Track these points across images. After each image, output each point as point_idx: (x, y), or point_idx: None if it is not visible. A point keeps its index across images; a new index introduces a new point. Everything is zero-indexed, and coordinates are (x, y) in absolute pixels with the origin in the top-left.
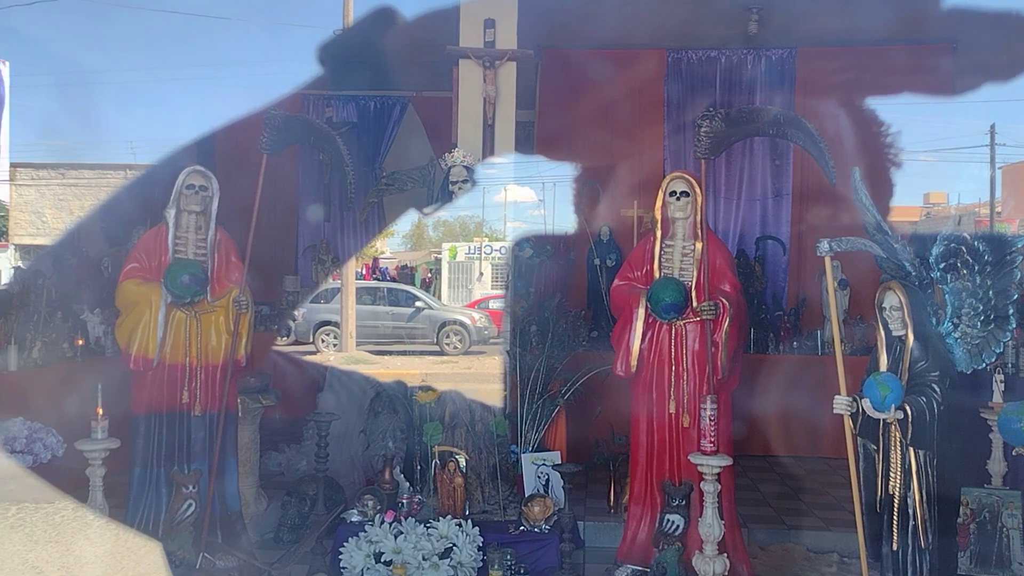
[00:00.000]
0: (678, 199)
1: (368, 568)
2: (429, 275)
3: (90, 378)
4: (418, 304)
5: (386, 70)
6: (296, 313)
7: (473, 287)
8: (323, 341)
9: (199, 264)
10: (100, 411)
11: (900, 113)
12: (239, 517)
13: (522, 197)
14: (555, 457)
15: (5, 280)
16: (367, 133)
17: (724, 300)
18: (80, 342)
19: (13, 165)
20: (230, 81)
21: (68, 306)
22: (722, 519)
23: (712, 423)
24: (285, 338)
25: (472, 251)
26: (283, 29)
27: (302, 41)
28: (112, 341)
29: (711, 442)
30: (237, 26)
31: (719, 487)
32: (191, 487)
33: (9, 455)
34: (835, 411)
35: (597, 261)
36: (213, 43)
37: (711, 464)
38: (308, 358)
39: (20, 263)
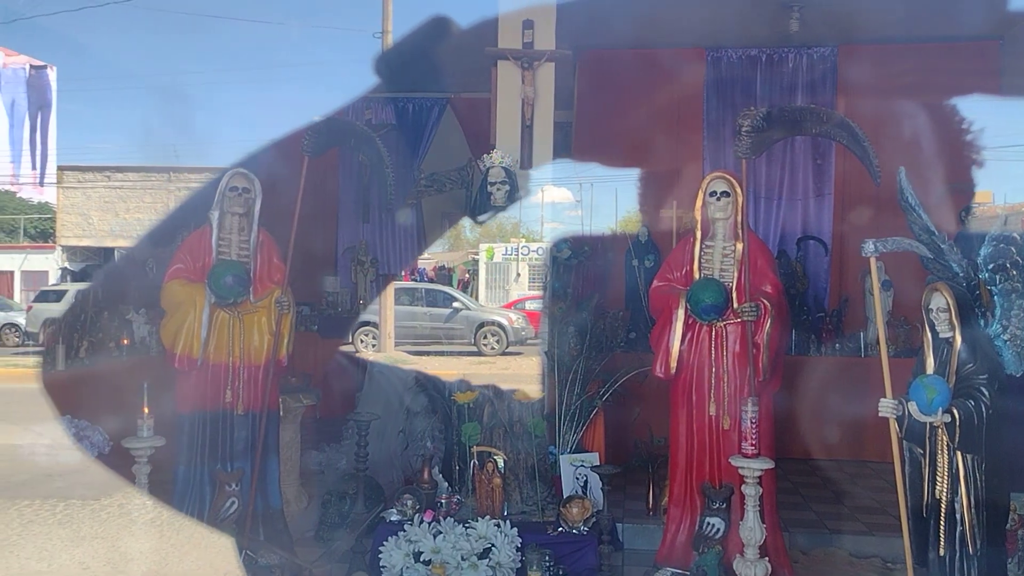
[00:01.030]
0: (718, 199)
1: (407, 567)
2: (466, 276)
3: (135, 377)
4: (455, 305)
5: (425, 72)
6: None
7: (510, 288)
8: (362, 341)
9: (242, 265)
10: (146, 409)
11: (946, 111)
12: (281, 515)
13: (559, 198)
14: (593, 458)
15: (53, 280)
16: (405, 135)
17: (765, 301)
18: (126, 342)
19: (60, 168)
20: (271, 85)
21: (114, 306)
22: (763, 522)
23: (753, 425)
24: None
25: (509, 252)
26: (323, 33)
27: (342, 45)
28: (157, 341)
29: (752, 445)
30: (277, 30)
31: (760, 490)
32: (234, 485)
33: (57, 452)
34: (880, 414)
35: (635, 262)
36: (253, 47)
37: (752, 467)
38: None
39: (67, 264)
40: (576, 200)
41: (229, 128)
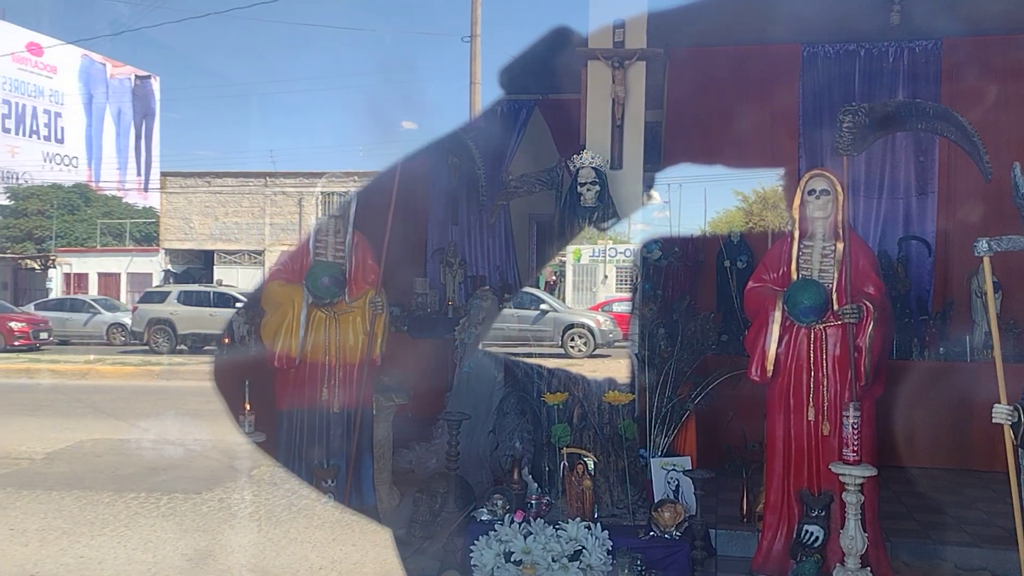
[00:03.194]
0: (817, 197)
1: (498, 567)
2: (554, 278)
3: (236, 375)
4: (543, 307)
5: (515, 74)
6: None
7: (598, 290)
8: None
9: (338, 266)
10: (247, 406)
11: None
12: (374, 511)
13: (647, 199)
14: (685, 463)
15: (157, 282)
16: (494, 137)
17: (868, 303)
18: (227, 341)
19: (163, 174)
20: (364, 91)
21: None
22: (864, 532)
23: (855, 431)
24: None
25: (597, 253)
26: (413, 38)
27: (433, 49)
28: (256, 339)
29: (854, 451)
30: (370, 36)
31: (862, 498)
32: (330, 481)
33: (162, 447)
34: (994, 420)
35: (727, 263)
36: (346, 53)
37: (854, 474)
38: None
39: (170, 266)
40: (664, 201)
41: (323, 133)
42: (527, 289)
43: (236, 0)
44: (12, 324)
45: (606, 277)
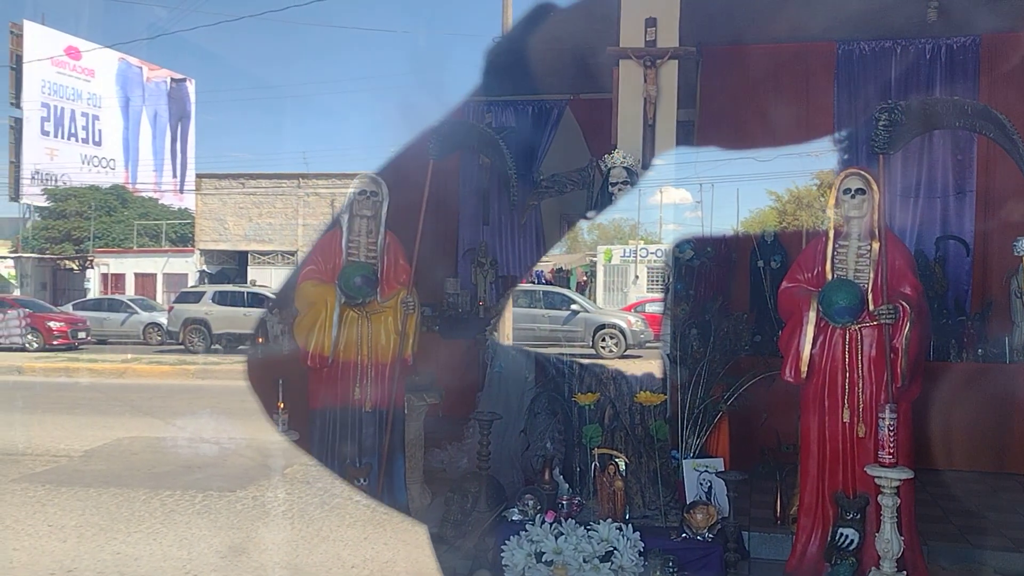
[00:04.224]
0: (853, 197)
1: (529, 567)
2: (584, 278)
3: (270, 374)
4: (574, 307)
5: (544, 75)
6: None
7: (629, 290)
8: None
9: (370, 266)
10: (281, 405)
11: None
12: (405, 510)
13: (679, 199)
14: (718, 464)
15: (192, 282)
16: (525, 137)
17: (904, 303)
18: (261, 340)
19: (198, 176)
20: (395, 91)
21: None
22: (901, 535)
23: (891, 433)
24: None
25: (627, 254)
26: (445, 39)
27: (464, 50)
28: (289, 339)
29: (890, 454)
30: (401, 38)
31: (898, 501)
32: (362, 480)
33: (196, 445)
34: None
35: (760, 263)
36: (378, 55)
37: (890, 477)
38: None
39: (205, 266)
40: (696, 201)
41: (355, 134)
42: (558, 289)
43: (270, 3)
44: (51, 324)
45: (637, 277)
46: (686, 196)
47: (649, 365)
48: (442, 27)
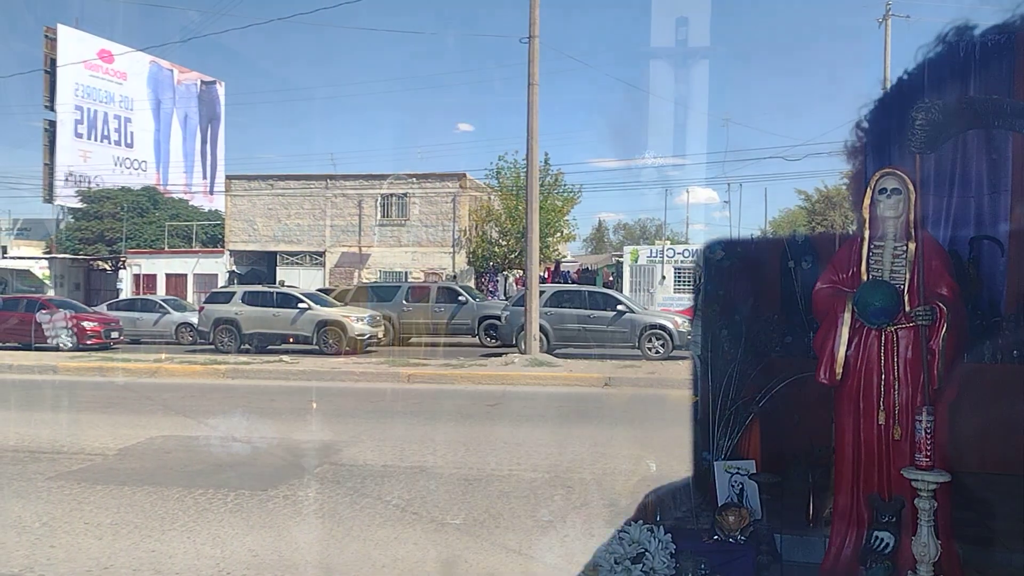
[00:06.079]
0: (888, 197)
1: None
2: (610, 278)
3: None
4: (619, 308)
5: None
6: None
7: (656, 291)
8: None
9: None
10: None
11: None
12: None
13: (705, 199)
14: (750, 466)
15: (222, 283)
16: None
17: (941, 304)
18: None
19: (228, 177)
20: (426, 93)
21: None
22: (937, 538)
23: (928, 436)
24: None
25: (654, 254)
26: (473, 40)
27: (492, 50)
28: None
29: (927, 456)
30: (431, 40)
31: (935, 504)
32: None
33: (229, 444)
34: None
35: (791, 263)
36: (405, 56)
37: (927, 480)
38: None
39: (235, 267)
40: (724, 201)
41: (382, 135)
42: (604, 290)
43: (300, 5)
44: (85, 324)
45: (663, 277)
46: (713, 196)
47: (676, 366)
48: (469, 28)
